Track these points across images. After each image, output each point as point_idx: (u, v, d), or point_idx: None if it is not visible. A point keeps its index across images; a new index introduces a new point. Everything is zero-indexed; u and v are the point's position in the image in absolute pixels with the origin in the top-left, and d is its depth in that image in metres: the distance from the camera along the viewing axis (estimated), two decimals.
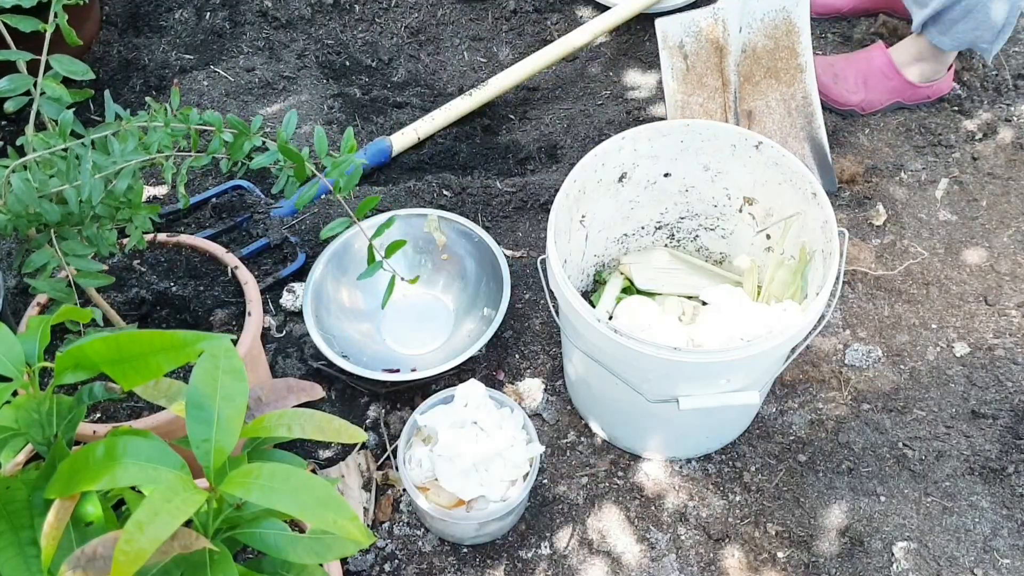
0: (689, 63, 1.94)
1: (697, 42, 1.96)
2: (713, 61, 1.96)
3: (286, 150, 1.14)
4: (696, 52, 1.96)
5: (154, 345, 0.85)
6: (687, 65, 1.95)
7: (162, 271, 1.56)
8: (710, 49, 1.96)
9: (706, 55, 1.96)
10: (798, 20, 1.94)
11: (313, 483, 0.82)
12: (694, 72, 1.96)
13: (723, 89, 1.96)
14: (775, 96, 1.97)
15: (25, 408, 0.89)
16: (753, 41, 1.95)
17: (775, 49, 1.95)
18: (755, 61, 1.96)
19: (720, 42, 1.94)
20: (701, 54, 1.96)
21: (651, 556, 1.57)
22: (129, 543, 0.73)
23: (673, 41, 1.96)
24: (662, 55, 1.96)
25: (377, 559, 1.57)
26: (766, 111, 1.98)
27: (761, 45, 1.95)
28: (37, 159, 1.10)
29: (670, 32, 1.96)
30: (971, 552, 1.55)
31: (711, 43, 1.95)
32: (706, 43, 1.96)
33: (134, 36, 2.37)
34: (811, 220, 1.56)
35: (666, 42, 1.96)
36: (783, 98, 1.96)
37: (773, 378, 1.57)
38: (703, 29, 1.95)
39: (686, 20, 1.96)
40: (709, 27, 1.95)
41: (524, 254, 1.94)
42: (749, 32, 1.94)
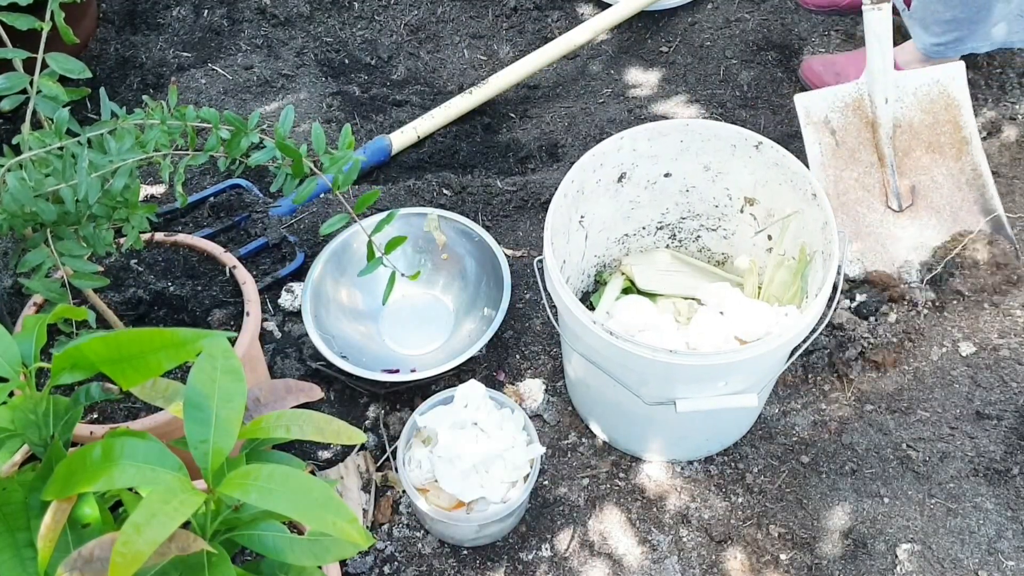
0: (838, 139, 1.89)
1: (844, 117, 1.90)
2: (865, 136, 1.90)
3: (283, 146, 1.13)
4: (844, 127, 1.90)
5: (154, 344, 0.84)
6: (836, 141, 1.89)
7: (160, 271, 1.55)
8: (859, 124, 1.90)
9: (856, 130, 1.90)
10: (957, 93, 1.88)
11: (312, 484, 0.82)
12: (845, 147, 1.90)
13: (879, 164, 1.89)
14: (940, 171, 1.89)
15: (22, 409, 0.89)
16: (908, 116, 1.89)
17: (934, 124, 1.89)
18: (913, 136, 1.89)
19: (869, 116, 1.89)
20: (850, 129, 1.90)
21: (653, 558, 1.56)
22: (126, 545, 0.73)
23: (817, 116, 1.90)
24: (806, 131, 1.90)
25: (376, 561, 1.56)
26: (932, 186, 1.89)
27: (918, 120, 1.89)
28: (33, 158, 1.09)
29: (813, 108, 1.90)
30: (975, 554, 1.54)
31: (859, 118, 1.90)
32: (854, 117, 1.90)
33: (131, 34, 2.36)
34: (811, 221, 1.55)
35: (809, 118, 1.90)
36: (950, 173, 1.89)
37: (773, 381, 1.56)
38: (848, 104, 1.90)
39: (828, 95, 1.91)
40: (855, 101, 1.90)
41: (525, 254, 1.94)
42: (901, 106, 1.89)
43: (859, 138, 1.90)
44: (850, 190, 1.90)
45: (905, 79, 1.87)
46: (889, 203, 1.88)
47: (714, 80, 2.26)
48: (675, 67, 2.30)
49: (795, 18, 2.37)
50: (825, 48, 2.31)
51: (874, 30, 1.84)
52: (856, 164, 1.90)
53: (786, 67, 2.27)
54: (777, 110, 2.18)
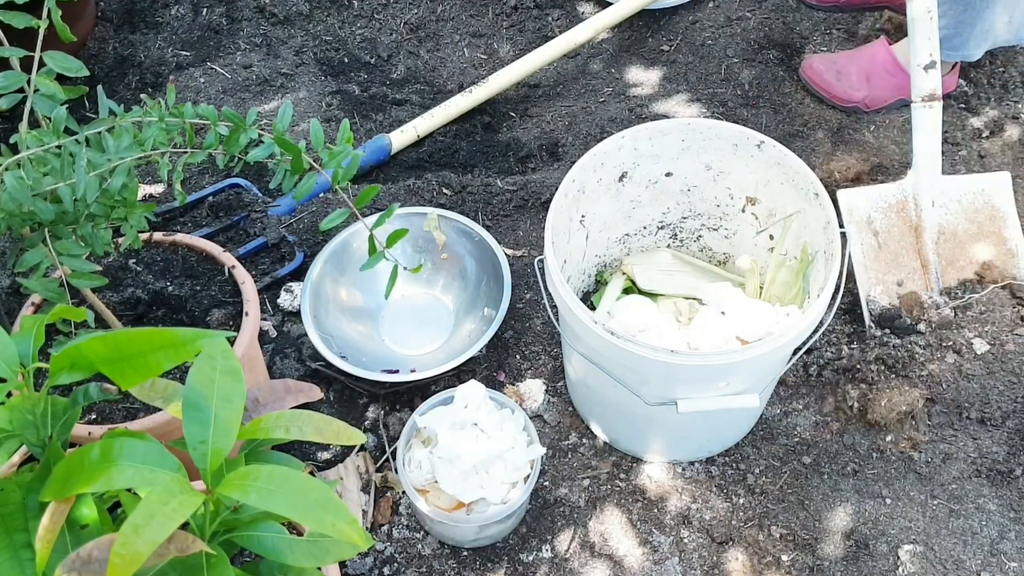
0: (880, 240, 1.80)
1: (887, 219, 1.82)
2: (908, 241, 1.81)
3: (282, 142, 1.13)
4: (887, 230, 1.81)
5: (153, 343, 0.84)
6: (878, 243, 1.80)
7: (158, 271, 1.55)
8: (903, 228, 1.81)
9: (899, 234, 1.81)
10: (1002, 204, 1.83)
11: (311, 485, 0.81)
12: (887, 250, 1.80)
13: (923, 271, 1.80)
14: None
15: (19, 409, 0.89)
16: (952, 224, 1.82)
17: (978, 234, 1.82)
18: (957, 245, 1.82)
19: (913, 220, 1.81)
20: (893, 232, 1.82)
21: (654, 559, 1.56)
22: (125, 546, 0.73)
23: (860, 215, 1.81)
24: (850, 230, 1.80)
25: (376, 562, 1.55)
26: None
27: (962, 229, 1.82)
28: (31, 157, 1.09)
29: (856, 206, 1.82)
30: (978, 555, 1.54)
31: (903, 221, 1.82)
32: (897, 220, 1.82)
33: (130, 32, 2.36)
34: (813, 221, 1.55)
35: (852, 216, 1.81)
36: None
37: (774, 381, 1.55)
38: (892, 205, 1.82)
39: (872, 195, 1.82)
40: (899, 204, 1.82)
41: (525, 253, 1.93)
42: (945, 213, 1.82)
43: (902, 242, 1.81)
44: (891, 295, 1.80)
45: (950, 185, 1.81)
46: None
47: (715, 79, 2.25)
48: (676, 66, 2.30)
49: (797, 16, 2.37)
50: (827, 46, 2.30)
51: (923, 128, 1.77)
52: (898, 269, 1.80)
53: (788, 66, 2.27)
54: (779, 109, 2.17)
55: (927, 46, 1.75)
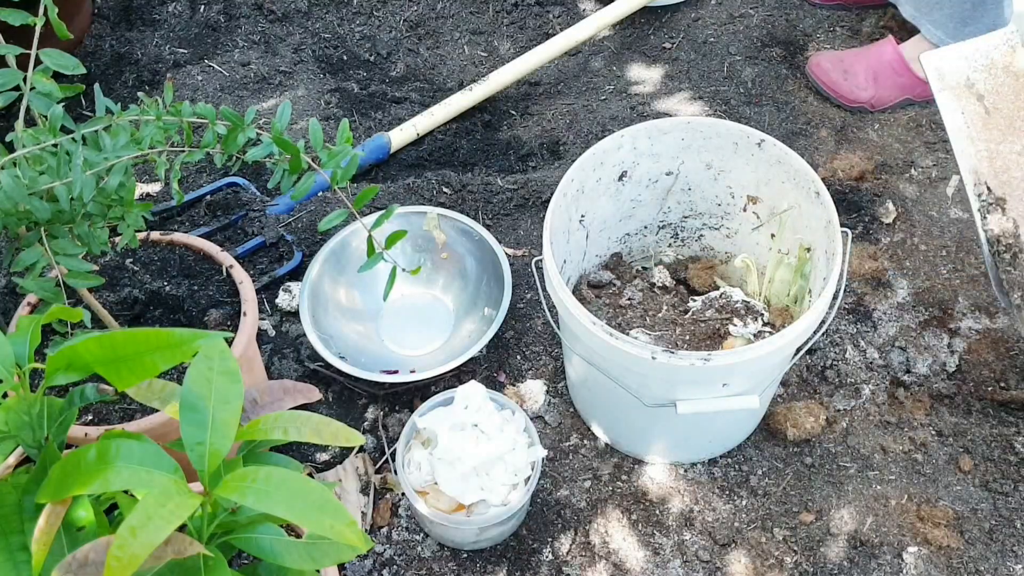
0: (988, 104, 1.55)
1: (994, 78, 1.57)
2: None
3: (280, 141, 1.12)
4: (995, 90, 1.56)
5: (149, 344, 0.84)
6: (985, 108, 1.55)
7: (155, 270, 1.54)
8: (1016, 84, 1.56)
9: (1012, 92, 1.56)
10: None
11: (310, 487, 0.81)
12: (999, 115, 1.56)
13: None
14: None
15: (15, 410, 0.89)
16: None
17: None
18: None
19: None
20: (1004, 92, 1.57)
21: (655, 562, 1.55)
22: (122, 548, 0.72)
23: (955, 79, 1.57)
24: (941, 98, 1.57)
25: (375, 565, 1.54)
26: None
27: None
28: (27, 155, 1.08)
29: (948, 69, 1.57)
30: (984, 558, 1.53)
31: (1014, 77, 1.56)
32: (1006, 77, 1.57)
33: (126, 30, 2.35)
34: (814, 220, 1.54)
35: (944, 82, 1.57)
36: None
37: (776, 382, 1.55)
38: (996, 60, 1.56)
39: (967, 52, 1.58)
40: (1005, 57, 1.57)
41: (526, 253, 1.92)
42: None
43: (1017, 101, 1.57)
44: (1011, 167, 1.57)
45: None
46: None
47: (718, 77, 2.24)
48: (678, 64, 2.29)
49: (800, 14, 2.36)
50: (830, 44, 2.29)
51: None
52: (1018, 135, 1.56)
53: (791, 63, 2.26)
54: (782, 107, 2.16)
55: None
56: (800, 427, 1.63)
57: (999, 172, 1.56)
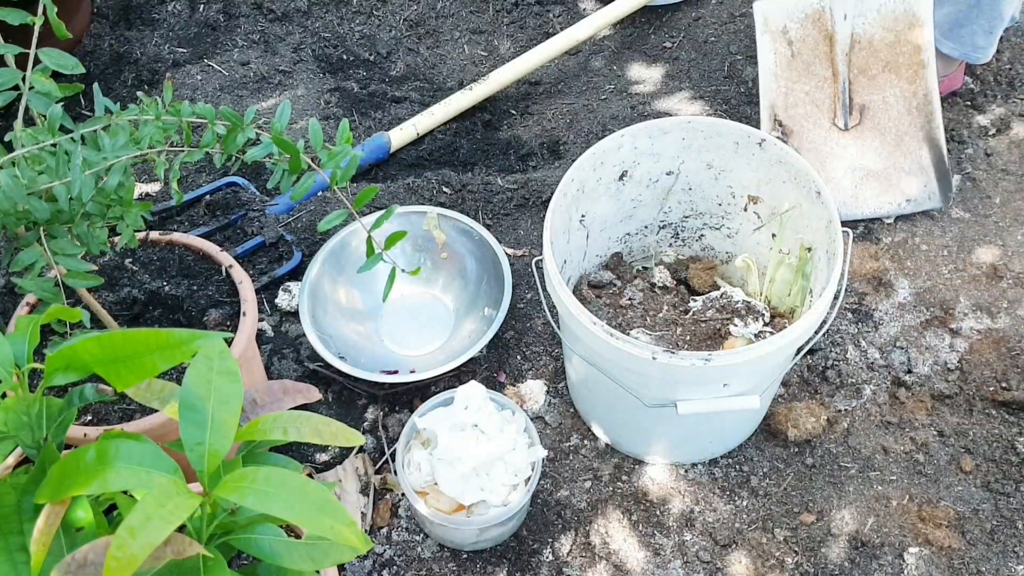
0: (795, 49, 1.88)
1: (803, 28, 1.89)
2: (822, 49, 1.89)
3: (280, 141, 1.12)
4: (802, 39, 1.89)
5: (148, 344, 0.84)
6: (792, 52, 1.88)
7: (154, 270, 1.54)
8: (818, 36, 1.89)
9: (813, 42, 1.89)
10: (921, 12, 1.87)
11: (309, 488, 0.81)
12: (800, 59, 1.89)
13: (833, 80, 1.89)
14: (893, 92, 1.88)
15: (14, 410, 0.88)
16: (869, 32, 1.87)
17: (895, 43, 1.87)
18: (872, 53, 1.88)
19: (828, 30, 1.88)
20: (808, 41, 1.89)
21: (656, 562, 1.54)
22: (121, 549, 0.72)
23: (775, 26, 1.89)
24: (761, 39, 1.89)
25: (375, 565, 1.54)
26: (882, 107, 1.89)
27: (879, 37, 1.87)
28: (26, 155, 1.08)
29: (771, 16, 1.89)
30: (985, 558, 1.53)
31: (818, 30, 1.89)
32: (812, 30, 1.89)
33: (126, 29, 2.35)
34: (815, 219, 1.54)
35: (767, 26, 1.89)
36: (903, 95, 1.88)
37: (777, 382, 1.54)
38: (809, 15, 1.89)
39: (789, 5, 1.89)
40: (815, 13, 1.89)
41: (526, 253, 1.92)
42: (864, 22, 1.87)
43: (816, 51, 1.89)
44: (799, 104, 1.90)
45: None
46: (836, 120, 1.87)
47: (718, 76, 2.24)
48: (679, 63, 2.29)
49: None
50: None
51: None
52: (809, 77, 1.89)
53: None
54: None
55: None
56: (801, 427, 1.63)
57: (789, 107, 1.90)
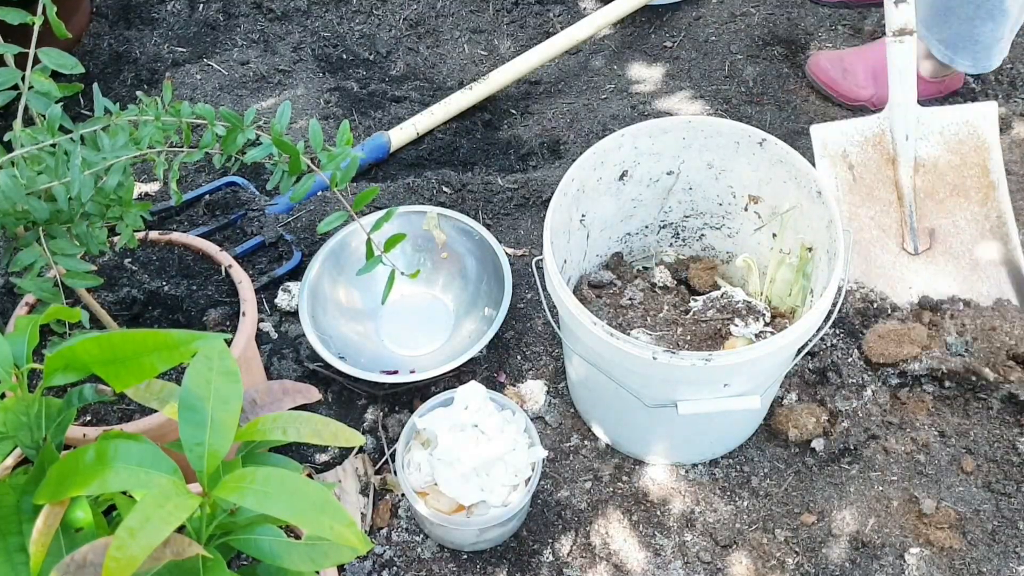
0: (856, 174, 1.80)
1: (863, 151, 1.82)
2: (885, 173, 1.81)
3: (280, 143, 1.12)
4: (863, 162, 1.82)
5: (147, 345, 0.84)
6: (853, 176, 1.81)
7: (154, 270, 1.54)
8: (879, 160, 1.81)
9: (875, 166, 1.81)
10: (987, 134, 1.79)
11: (309, 488, 0.81)
12: (862, 183, 1.81)
13: (898, 203, 1.80)
14: (963, 215, 1.79)
15: (13, 411, 0.88)
16: (933, 155, 1.80)
17: (961, 165, 1.80)
18: (937, 176, 1.80)
19: (890, 152, 1.80)
20: (869, 165, 1.82)
21: (656, 563, 1.54)
22: (120, 549, 0.72)
23: (834, 149, 1.82)
24: (821, 163, 1.81)
25: (375, 566, 1.54)
26: (952, 231, 1.79)
27: (944, 160, 1.80)
28: (25, 155, 1.08)
29: (830, 140, 1.82)
30: (987, 559, 1.52)
31: (880, 153, 1.81)
32: (873, 152, 1.82)
33: (125, 28, 2.34)
34: (816, 219, 1.54)
35: (826, 150, 1.82)
36: (974, 218, 1.78)
37: (777, 382, 1.54)
38: (868, 138, 1.82)
39: (847, 128, 1.82)
40: (875, 137, 1.81)
41: (526, 252, 1.92)
42: (927, 144, 1.80)
43: (878, 175, 1.81)
44: (865, 228, 1.80)
45: (932, 116, 1.79)
46: (905, 245, 1.79)
47: (719, 76, 2.24)
48: (679, 62, 2.29)
49: (801, 12, 2.36)
50: (832, 43, 2.29)
51: (896, 64, 1.75)
52: (873, 202, 1.81)
53: (792, 62, 2.26)
54: (783, 106, 2.16)
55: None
56: (801, 428, 1.63)
57: (855, 232, 1.80)
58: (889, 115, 1.80)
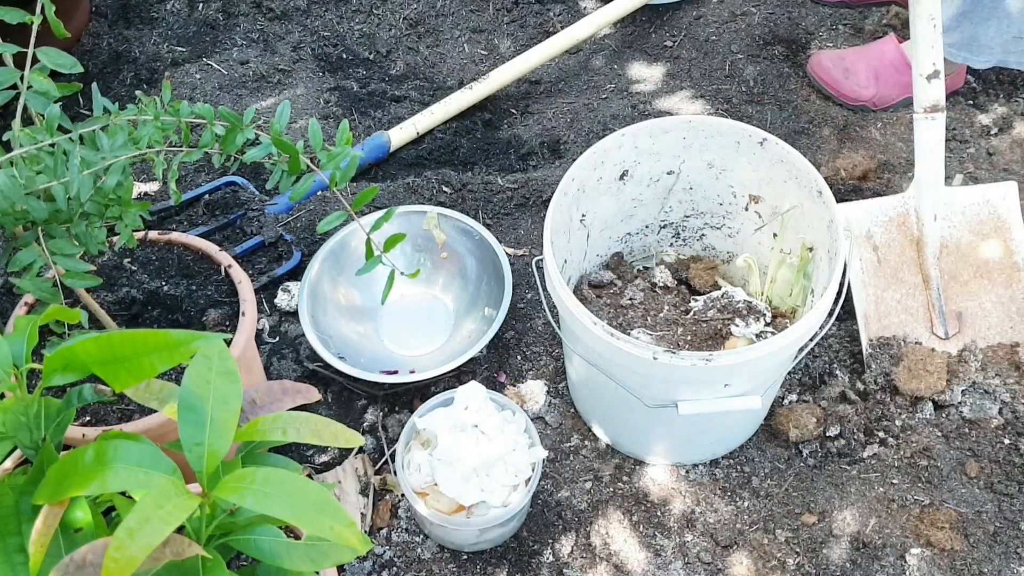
0: (880, 255, 1.74)
1: (887, 232, 1.75)
2: (909, 255, 1.74)
3: (279, 142, 1.12)
4: (887, 244, 1.75)
5: (147, 345, 0.84)
6: (878, 258, 1.74)
7: (153, 270, 1.53)
8: (903, 241, 1.75)
9: (899, 248, 1.75)
10: (1007, 215, 1.75)
11: (309, 488, 0.81)
12: (887, 266, 1.74)
13: (924, 286, 1.73)
14: (989, 298, 1.73)
15: (13, 411, 0.89)
16: (956, 236, 1.74)
17: (984, 246, 1.75)
18: (960, 258, 1.74)
19: (914, 233, 1.74)
20: (894, 247, 1.75)
21: (657, 563, 1.54)
22: (119, 550, 0.72)
23: (859, 230, 1.75)
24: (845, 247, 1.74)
25: (375, 566, 1.54)
26: (980, 314, 1.73)
27: (966, 241, 1.74)
28: (24, 155, 1.08)
29: (855, 220, 1.75)
30: (988, 560, 1.52)
31: (904, 235, 1.75)
32: (898, 234, 1.75)
33: (124, 28, 2.34)
34: (816, 219, 1.53)
35: (850, 231, 1.75)
36: (999, 300, 1.73)
37: (778, 382, 1.54)
38: (893, 219, 1.75)
39: (871, 208, 1.76)
40: (900, 217, 1.75)
41: (526, 252, 1.92)
42: (948, 225, 1.74)
43: (903, 257, 1.75)
44: (892, 312, 1.74)
45: (953, 196, 1.75)
46: (935, 330, 1.72)
47: (719, 75, 2.24)
48: (680, 62, 2.28)
49: (802, 12, 2.35)
50: (833, 42, 2.29)
51: (925, 142, 1.70)
52: (899, 285, 1.74)
53: (793, 62, 2.25)
54: (784, 106, 2.16)
55: (930, 55, 1.67)
56: (802, 428, 1.63)
57: (882, 316, 1.74)
58: (916, 195, 1.74)
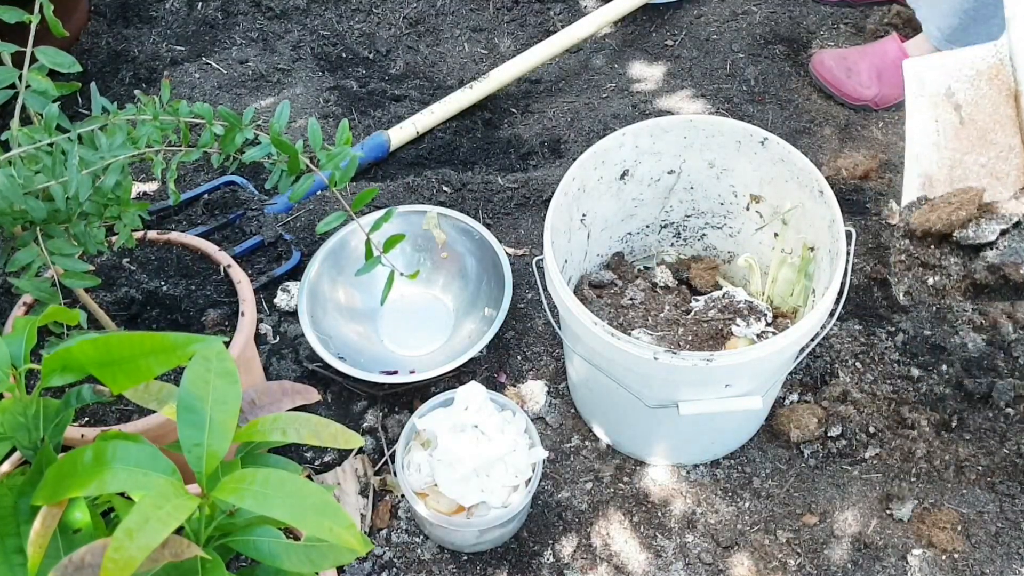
0: (964, 115, 1.52)
1: (975, 89, 1.53)
2: (1004, 112, 1.51)
3: (279, 142, 1.11)
4: (975, 101, 1.53)
5: (144, 347, 0.84)
6: (960, 117, 1.53)
7: (152, 270, 1.53)
8: (997, 97, 1.52)
9: (991, 105, 1.52)
10: None
11: (308, 489, 0.81)
12: (973, 127, 1.53)
13: (1022, 148, 1.51)
14: None
15: (11, 412, 0.89)
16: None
17: None
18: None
19: (1011, 86, 1.51)
20: (983, 104, 1.53)
21: (658, 564, 1.54)
22: (118, 551, 0.72)
23: (936, 88, 1.54)
24: (915, 103, 1.55)
25: (374, 567, 1.53)
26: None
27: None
28: (22, 154, 1.08)
29: (930, 77, 1.55)
30: (990, 561, 1.52)
31: (997, 90, 1.52)
32: (989, 90, 1.53)
33: (123, 27, 2.34)
34: (818, 219, 1.53)
35: (924, 88, 1.54)
36: None
37: (779, 382, 1.54)
38: (983, 72, 1.52)
39: (951, 61, 1.55)
40: (992, 69, 1.52)
41: (526, 252, 1.91)
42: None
43: (995, 115, 1.52)
44: (970, 177, 1.53)
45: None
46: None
47: (720, 74, 2.23)
48: (680, 61, 2.28)
49: (803, 11, 2.35)
50: (834, 42, 2.29)
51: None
52: (987, 148, 1.53)
53: (794, 61, 2.25)
54: (785, 105, 2.15)
55: None
56: (803, 428, 1.62)
57: (956, 180, 1.55)
58: (1010, 41, 1.51)
